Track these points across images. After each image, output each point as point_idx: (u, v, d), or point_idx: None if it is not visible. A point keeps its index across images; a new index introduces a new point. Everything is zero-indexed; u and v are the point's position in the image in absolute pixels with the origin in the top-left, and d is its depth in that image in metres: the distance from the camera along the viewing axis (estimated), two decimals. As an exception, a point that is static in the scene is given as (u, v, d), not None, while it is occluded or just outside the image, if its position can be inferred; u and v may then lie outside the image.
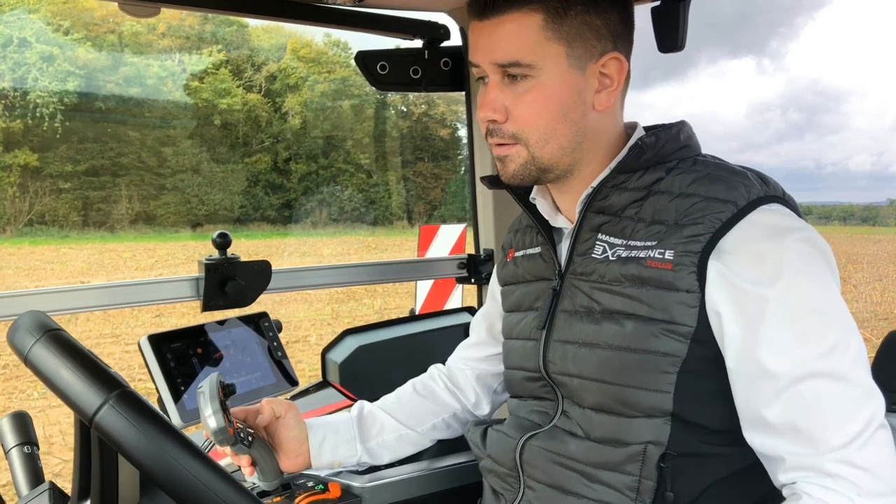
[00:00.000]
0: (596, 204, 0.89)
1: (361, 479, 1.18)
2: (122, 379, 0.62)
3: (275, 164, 21.54)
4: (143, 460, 0.58)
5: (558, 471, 0.88)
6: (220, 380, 0.90)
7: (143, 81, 20.66)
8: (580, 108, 0.87)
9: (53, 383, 0.59)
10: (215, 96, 20.97)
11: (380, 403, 1.13)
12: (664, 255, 0.81)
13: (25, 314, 0.64)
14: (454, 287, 3.70)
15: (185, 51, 22.02)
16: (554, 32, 0.84)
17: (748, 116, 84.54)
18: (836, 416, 0.73)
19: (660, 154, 0.87)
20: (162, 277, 1.35)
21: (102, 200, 19.58)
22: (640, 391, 0.81)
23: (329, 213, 21.45)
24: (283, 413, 1.02)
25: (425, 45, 1.47)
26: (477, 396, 1.15)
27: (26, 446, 0.90)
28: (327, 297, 8.77)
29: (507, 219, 1.50)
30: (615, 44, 0.87)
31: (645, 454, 0.81)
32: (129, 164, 19.92)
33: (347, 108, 22.16)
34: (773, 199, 0.82)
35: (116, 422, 0.57)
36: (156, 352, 1.16)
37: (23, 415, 0.94)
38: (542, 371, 0.92)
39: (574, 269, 0.90)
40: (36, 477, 0.87)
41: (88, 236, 18.02)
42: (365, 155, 22.10)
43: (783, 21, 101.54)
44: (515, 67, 0.85)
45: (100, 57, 20.33)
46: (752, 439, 0.80)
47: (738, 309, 0.77)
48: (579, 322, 0.87)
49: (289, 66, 22.51)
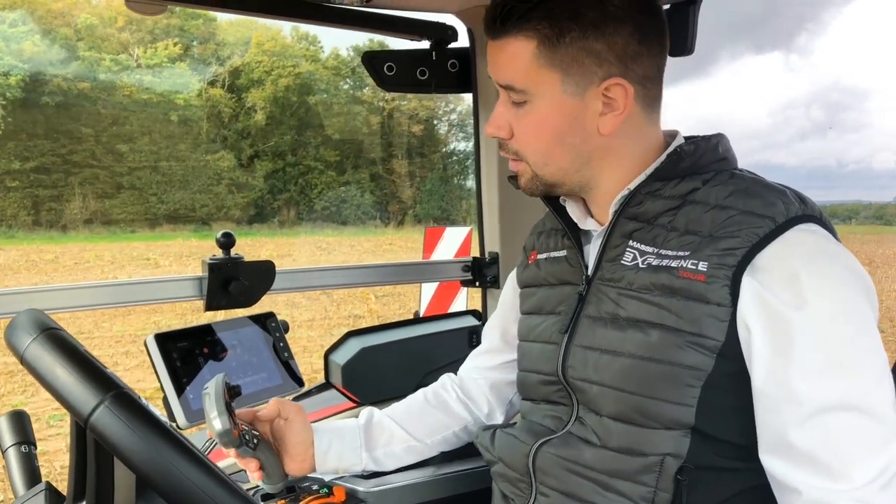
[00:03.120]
0: (630, 210, 0.88)
1: (366, 484, 1.17)
2: (119, 380, 0.61)
3: (239, 161, 21.12)
4: (138, 463, 0.57)
5: (572, 479, 0.87)
6: (225, 381, 0.89)
7: (95, 76, 19.98)
8: (579, 133, 0.86)
9: (49, 383, 0.58)
10: (172, 92, 20.45)
11: (389, 412, 1.11)
12: (697, 266, 0.79)
13: (23, 312, 0.63)
14: (459, 289, 3.69)
15: (145, 44, 21.38)
16: (548, 60, 0.83)
17: (770, 114, 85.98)
18: (859, 452, 0.71)
19: (698, 164, 0.86)
20: (165, 276, 1.32)
21: (53, 199, 18.86)
22: (661, 403, 0.80)
23: (297, 212, 21.13)
24: (291, 416, 1.00)
25: (433, 46, 1.46)
26: (490, 407, 1.13)
27: (24, 445, 0.88)
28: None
29: (514, 222, 1.51)
30: (623, 67, 0.84)
31: (662, 465, 0.80)
32: (82, 161, 19.25)
33: (316, 104, 21.83)
34: (811, 219, 0.80)
35: (111, 423, 0.56)
36: (162, 351, 1.13)
37: (21, 414, 0.92)
38: (559, 375, 0.91)
39: (602, 274, 0.89)
40: (33, 477, 0.85)
41: (36, 236, 17.35)
42: (335, 152, 21.78)
43: (811, 16, 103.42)
44: (511, 91, 0.87)
45: (49, 51, 19.56)
46: (769, 463, 0.78)
47: (770, 329, 0.76)
48: (603, 328, 0.86)
49: (253, 60, 22.09)
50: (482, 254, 1.58)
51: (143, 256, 13.33)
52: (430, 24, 1.45)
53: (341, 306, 8.75)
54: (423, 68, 1.45)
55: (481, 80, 1.48)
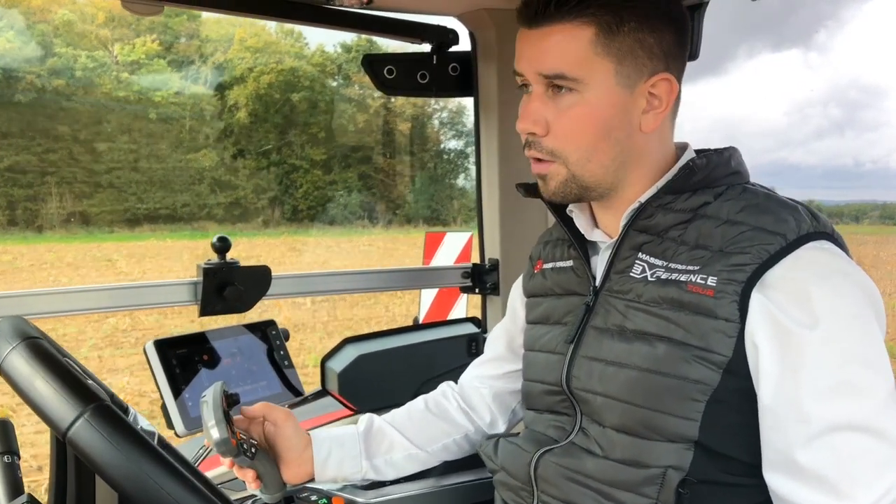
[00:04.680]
0: (640, 222, 0.88)
1: (366, 495, 1.16)
2: (102, 392, 0.59)
3: (221, 159, 20.85)
4: (118, 478, 0.55)
5: (573, 488, 0.87)
6: (224, 389, 0.88)
7: (73, 73, 19.60)
8: (625, 129, 0.85)
9: (27, 394, 0.57)
10: (151, 90, 20.14)
11: (389, 419, 1.09)
12: (706, 280, 0.79)
13: (4, 319, 0.61)
14: (459, 296, 3.68)
15: (125, 41, 21.03)
16: (604, 48, 0.82)
17: (787, 113, 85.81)
18: (866, 473, 0.72)
19: (710, 178, 0.86)
20: (159, 281, 1.30)
21: (29, 199, 18.48)
22: (666, 416, 0.80)
23: (282, 211, 20.92)
24: (280, 422, 0.98)
25: (433, 50, 1.45)
26: (492, 415, 1.12)
27: (6, 456, 0.84)
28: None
29: (514, 228, 1.50)
30: (667, 64, 0.85)
31: (664, 478, 0.80)
32: (58, 160, 18.88)
33: (299, 101, 21.59)
34: (822, 236, 0.80)
35: (90, 437, 0.55)
36: (161, 357, 1.12)
37: (4, 423, 0.89)
38: (563, 385, 0.91)
39: (610, 286, 0.89)
40: (15, 488, 0.82)
41: (9, 237, 16.98)
42: (320, 150, 21.58)
43: (830, 13, 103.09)
44: (561, 80, 0.83)
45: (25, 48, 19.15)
46: (773, 481, 0.78)
47: (778, 346, 0.76)
48: (610, 340, 0.86)
49: (235, 57, 21.83)
50: (482, 260, 1.57)
51: (105, 258, 13.06)
52: (432, 28, 1.44)
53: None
54: (423, 72, 1.44)
55: (483, 85, 1.46)
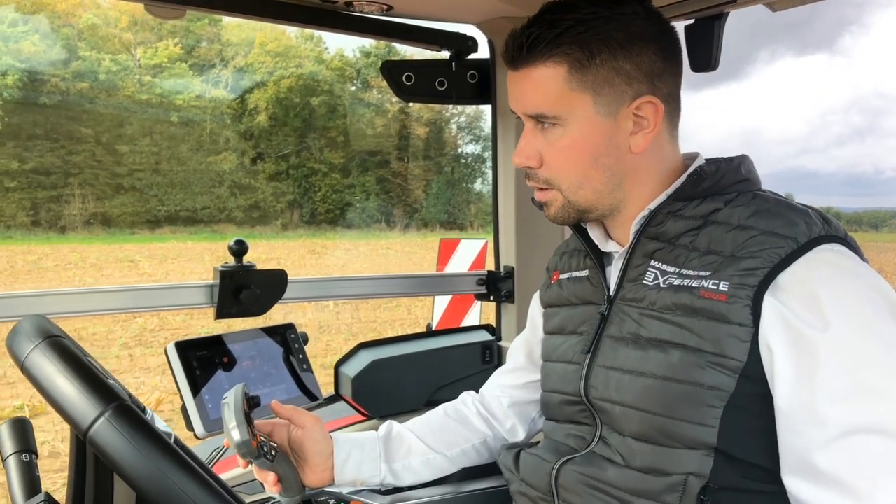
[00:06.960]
0: (650, 230, 0.88)
1: (383, 500, 1.15)
2: (122, 391, 0.59)
3: (241, 162, 21.08)
4: (138, 478, 0.55)
5: (595, 496, 0.86)
6: (245, 391, 0.88)
7: (96, 76, 19.95)
8: (613, 153, 0.87)
9: (48, 393, 0.57)
10: (173, 93, 20.42)
11: (409, 425, 1.11)
12: (718, 286, 0.79)
13: (27, 318, 0.62)
14: (472, 303, 3.67)
15: (148, 45, 21.36)
16: (579, 83, 0.84)
17: (808, 121, 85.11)
18: (885, 475, 0.71)
19: (719, 184, 0.86)
20: (176, 283, 1.32)
21: (52, 200, 18.81)
22: (683, 423, 0.80)
23: (301, 214, 21.07)
24: (309, 425, 1.00)
25: (452, 57, 1.45)
26: (513, 423, 1.13)
27: (24, 454, 0.85)
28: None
29: (530, 236, 1.51)
30: (651, 84, 0.85)
31: (686, 485, 0.79)
32: (81, 162, 19.21)
33: (319, 105, 21.77)
34: (834, 239, 0.80)
35: (111, 437, 0.55)
36: (182, 358, 1.13)
37: (23, 421, 0.90)
38: (582, 396, 0.91)
39: (624, 294, 0.89)
40: (32, 486, 0.83)
41: (33, 237, 17.28)
42: (339, 154, 21.72)
43: (854, 18, 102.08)
44: (542, 118, 0.87)
45: (50, 51, 19.53)
46: (792, 484, 0.77)
47: (792, 350, 0.75)
48: (625, 348, 0.86)
49: (256, 62, 22.08)
50: (497, 268, 1.56)
51: (128, 258, 13.29)
52: (451, 35, 1.45)
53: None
54: (442, 79, 1.45)
55: (501, 92, 1.47)
